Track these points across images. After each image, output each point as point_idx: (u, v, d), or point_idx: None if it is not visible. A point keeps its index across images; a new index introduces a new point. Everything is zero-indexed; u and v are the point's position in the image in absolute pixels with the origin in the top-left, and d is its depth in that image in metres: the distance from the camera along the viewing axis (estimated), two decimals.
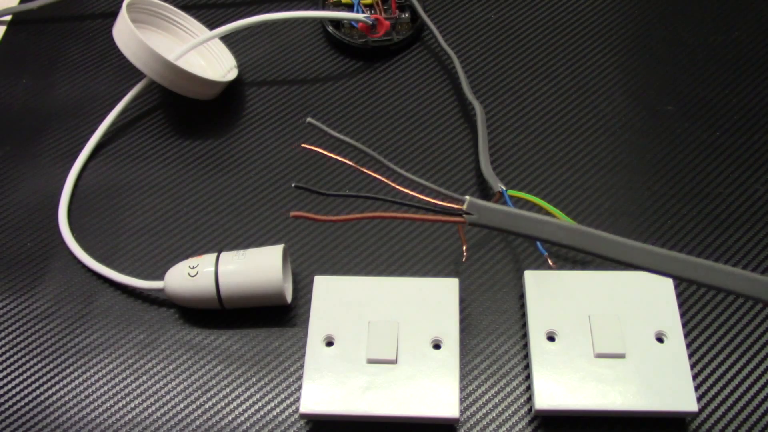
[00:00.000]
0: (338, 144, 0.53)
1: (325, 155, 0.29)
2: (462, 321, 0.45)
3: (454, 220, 0.28)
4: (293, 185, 0.30)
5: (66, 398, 0.44)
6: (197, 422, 0.43)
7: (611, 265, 0.47)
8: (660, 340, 0.42)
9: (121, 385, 0.44)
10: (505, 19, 0.60)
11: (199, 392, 0.44)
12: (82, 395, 0.44)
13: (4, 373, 0.45)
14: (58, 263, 0.49)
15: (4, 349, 0.46)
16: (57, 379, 0.45)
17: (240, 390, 0.44)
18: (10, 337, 0.46)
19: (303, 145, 0.28)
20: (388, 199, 0.30)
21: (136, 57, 0.51)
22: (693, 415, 0.40)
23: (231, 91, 0.57)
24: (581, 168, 0.52)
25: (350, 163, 0.32)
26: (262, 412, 0.43)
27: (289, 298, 0.46)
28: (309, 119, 0.30)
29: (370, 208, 0.42)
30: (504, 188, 0.46)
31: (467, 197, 0.28)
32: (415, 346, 0.42)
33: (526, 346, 0.44)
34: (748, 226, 0.48)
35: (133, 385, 0.44)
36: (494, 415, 0.42)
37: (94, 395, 0.44)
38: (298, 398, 0.42)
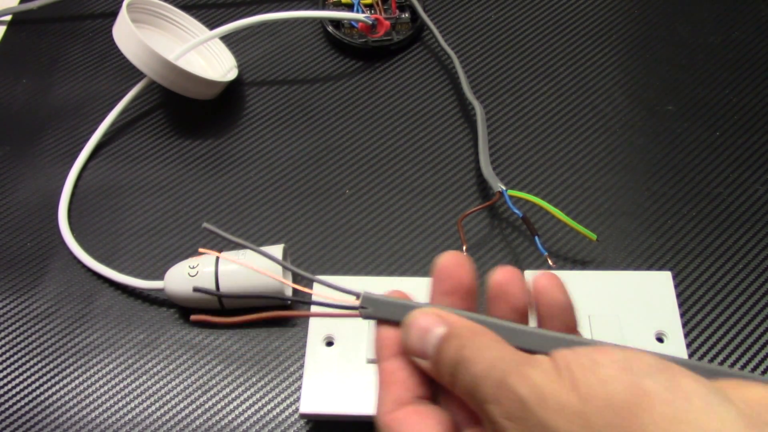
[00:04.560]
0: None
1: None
2: None
3: (350, 315, 0.29)
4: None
5: (66, 398, 0.44)
6: (197, 422, 0.43)
7: (611, 265, 0.47)
8: (660, 340, 0.42)
9: (121, 385, 0.44)
10: (505, 19, 0.60)
11: (199, 392, 0.44)
12: (82, 395, 0.44)
13: (4, 373, 0.45)
14: (58, 263, 0.49)
15: (4, 349, 0.46)
16: (57, 379, 0.45)
17: (240, 390, 0.44)
18: (10, 337, 0.46)
19: (205, 225, 0.28)
20: (284, 297, 0.30)
21: (136, 57, 0.51)
22: None
23: (231, 91, 0.57)
24: (581, 168, 0.52)
25: (248, 265, 0.33)
26: (262, 412, 0.43)
27: (288, 294, 0.46)
28: (205, 224, 0.30)
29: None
30: (504, 188, 0.46)
31: (362, 291, 0.28)
32: None
33: None
34: (748, 226, 0.48)
35: (133, 385, 0.44)
36: None
37: (94, 395, 0.44)
38: (298, 398, 0.42)
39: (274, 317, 0.30)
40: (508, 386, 0.23)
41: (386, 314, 0.28)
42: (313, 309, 0.29)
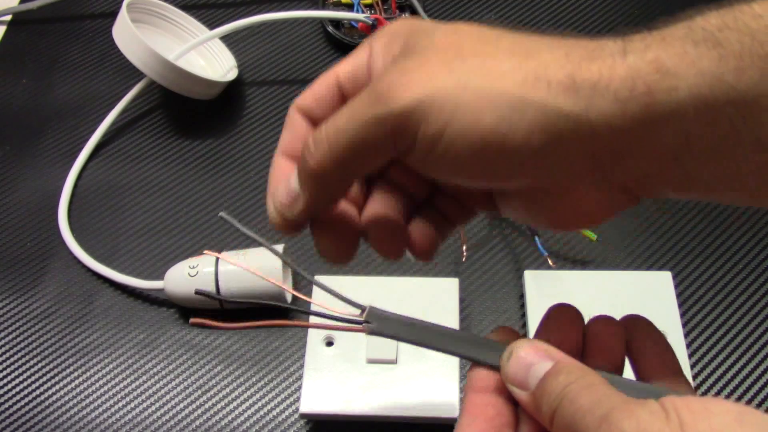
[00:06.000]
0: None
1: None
2: (462, 321, 0.45)
3: (355, 329, 0.28)
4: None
5: (66, 398, 0.44)
6: (197, 422, 0.43)
7: (611, 265, 0.47)
8: None
9: (121, 385, 0.44)
10: (505, 19, 0.60)
11: (199, 392, 0.44)
12: (82, 395, 0.44)
13: (4, 373, 0.45)
14: (58, 263, 0.49)
15: (4, 349, 0.46)
16: (57, 379, 0.45)
17: (240, 390, 0.44)
18: (10, 337, 0.46)
19: (221, 214, 0.27)
20: (288, 306, 0.29)
21: (136, 57, 0.51)
22: None
23: (231, 91, 0.57)
24: None
25: (255, 272, 0.32)
26: (262, 412, 0.43)
27: (289, 298, 0.46)
28: (221, 214, 0.29)
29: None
30: None
31: (368, 305, 0.28)
32: (415, 346, 0.42)
33: None
34: (748, 226, 0.48)
35: (133, 385, 0.44)
36: None
37: (94, 395, 0.44)
38: (298, 398, 0.42)
39: (273, 325, 0.30)
40: (612, 421, 0.22)
41: (393, 332, 0.27)
42: (313, 320, 0.28)
